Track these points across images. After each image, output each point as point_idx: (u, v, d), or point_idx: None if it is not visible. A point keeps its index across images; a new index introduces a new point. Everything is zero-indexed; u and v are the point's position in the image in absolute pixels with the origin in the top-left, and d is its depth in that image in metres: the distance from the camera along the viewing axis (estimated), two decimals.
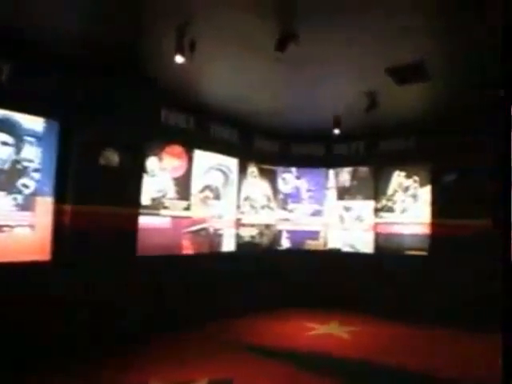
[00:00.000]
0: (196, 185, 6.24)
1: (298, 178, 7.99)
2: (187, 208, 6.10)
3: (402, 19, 3.69)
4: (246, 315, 6.60)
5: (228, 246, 6.82)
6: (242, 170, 7.17)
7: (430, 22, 3.76)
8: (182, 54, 3.97)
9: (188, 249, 6.12)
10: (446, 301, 6.27)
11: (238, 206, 7.05)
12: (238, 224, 7.04)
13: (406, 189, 7.12)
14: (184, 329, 5.62)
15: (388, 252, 7.18)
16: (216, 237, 6.63)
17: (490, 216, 6.14)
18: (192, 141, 6.26)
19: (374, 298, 6.95)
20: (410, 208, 7.06)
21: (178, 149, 6.02)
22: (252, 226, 7.35)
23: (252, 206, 7.38)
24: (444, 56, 4.48)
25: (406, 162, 7.16)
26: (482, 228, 6.12)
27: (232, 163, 6.99)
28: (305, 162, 7.96)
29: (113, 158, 5.07)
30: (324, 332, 5.91)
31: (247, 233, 7.23)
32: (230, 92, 5.75)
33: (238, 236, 7.02)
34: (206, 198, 6.46)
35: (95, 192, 4.85)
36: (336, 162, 7.90)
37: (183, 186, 6.05)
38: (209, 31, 4.01)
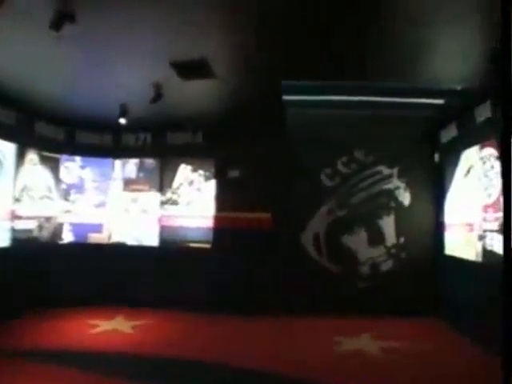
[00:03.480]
0: None
1: (82, 167, 9.52)
2: None
3: (184, 13, 4.76)
4: (20, 317, 7.59)
5: (0, 240, 7.66)
6: (20, 157, 8.12)
7: (213, 19, 4.90)
8: None
9: None
10: (227, 289, 8.74)
11: (14, 197, 8.02)
12: (14, 216, 8.03)
13: (192, 182, 9.50)
14: None
15: (173, 245, 9.29)
16: None
17: (269, 211, 9.01)
18: None
19: (158, 290, 8.96)
20: (194, 201, 9.29)
21: None
22: (30, 218, 8.50)
23: (30, 197, 8.48)
24: (229, 54, 5.90)
25: (192, 155, 9.34)
26: (261, 221, 9.07)
27: (8, 148, 7.85)
28: (90, 151, 9.53)
29: None
30: (108, 328, 7.35)
31: (24, 226, 8.33)
32: (6, 68, 6.38)
33: (14, 230, 8.00)
34: None
35: None
36: (123, 153, 9.68)
37: None
38: None
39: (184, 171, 9.40)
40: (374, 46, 5.42)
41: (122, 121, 8.02)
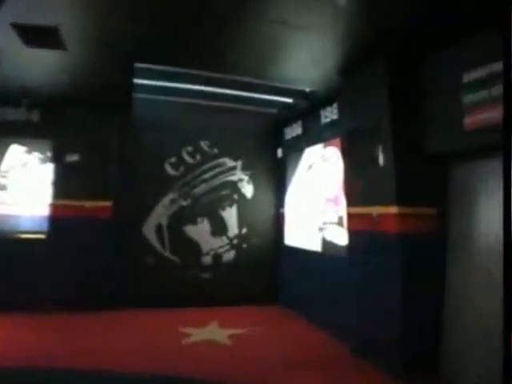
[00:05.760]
0: None
1: None
2: None
3: None
4: None
5: None
6: None
7: None
8: None
9: None
10: (64, 284, 7.94)
11: None
12: None
13: (25, 165, 8.60)
14: None
15: (1, 236, 8.21)
16: None
17: (110, 199, 8.58)
18: None
19: None
20: (28, 187, 8.43)
21: None
22: None
23: None
24: (83, 28, 5.28)
25: (26, 135, 8.41)
26: (102, 210, 8.58)
27: None
28: None
29: None
30: None
31: None
32: None
33: None
34: None
35: None
36: None
37: None
38: None
39: (16, 152, 8.47)
40: (232, 41, 5.55)
41: None
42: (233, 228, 9.65)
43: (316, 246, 7.68)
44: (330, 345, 6.56)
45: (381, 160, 5.41)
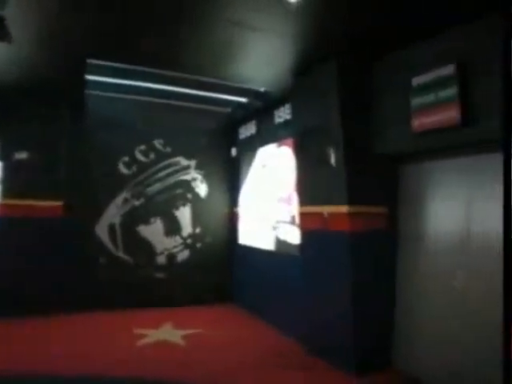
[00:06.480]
0: None
1: None
2: None
3: None
4: None
5: None
6: None
7: None
8: None
9: None
10: (11, 287, 7.66)
11: None
12: None
13: None
14: None
15: None
16: None
17: (61, 199, 8.37)
18: None
19: None
20: None
21: None
22: None
23: None
24: (30, 18, 4.99)
25: None
26: (52, 210, 8.28)
27: None
28: None
29: None
30: None
31: None
32: None
33: None
34: None
35: None
36: None
37: None
38: None
39: None
40: (186, 40, 5.51)
41: None
42: (186, 227, 9.60)
43: (269, 245, 7.74)
44: (284, 344, 6.61)
45: (332, 160, 5.46)
